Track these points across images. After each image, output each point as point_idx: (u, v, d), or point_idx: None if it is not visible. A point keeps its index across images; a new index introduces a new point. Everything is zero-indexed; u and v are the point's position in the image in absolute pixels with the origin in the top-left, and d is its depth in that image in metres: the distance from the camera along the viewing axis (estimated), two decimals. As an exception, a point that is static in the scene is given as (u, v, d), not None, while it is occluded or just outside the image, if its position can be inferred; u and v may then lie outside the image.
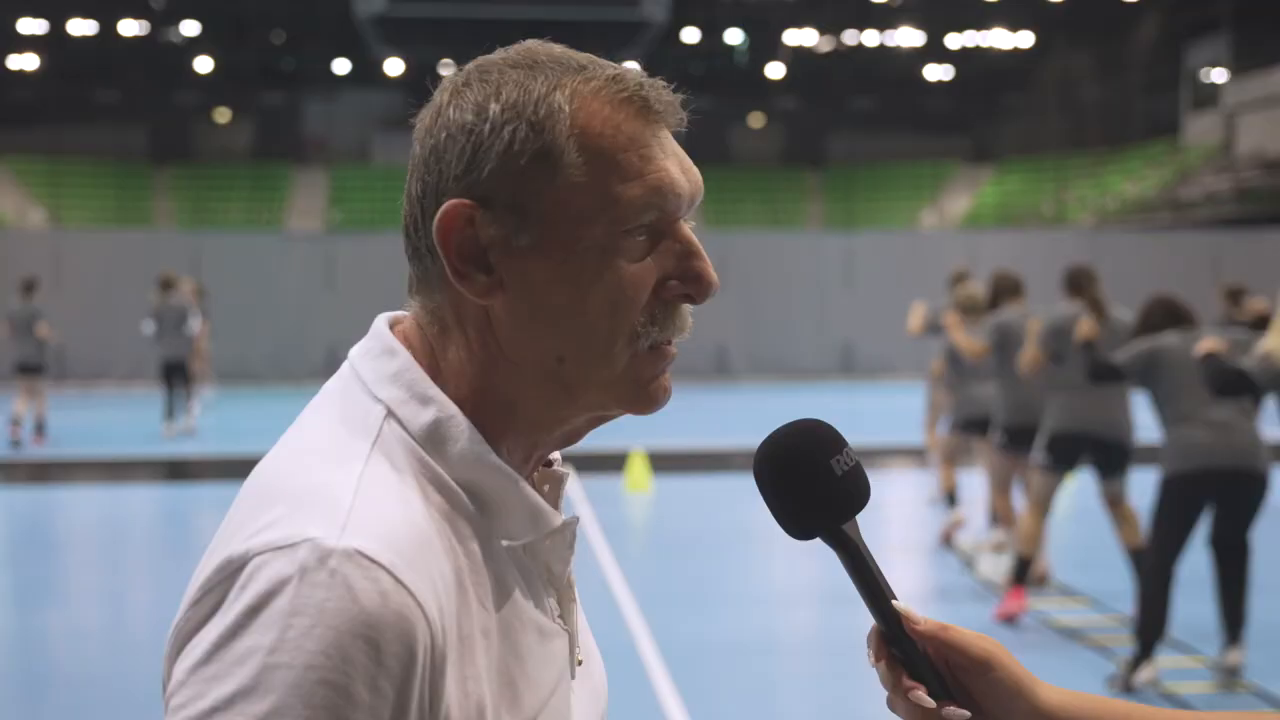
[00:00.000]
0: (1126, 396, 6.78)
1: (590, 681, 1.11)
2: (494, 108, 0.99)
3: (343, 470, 0.95)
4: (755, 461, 1.06)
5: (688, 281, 1.02)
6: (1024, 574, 6.80)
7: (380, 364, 1.02)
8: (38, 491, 11.48)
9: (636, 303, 1.00)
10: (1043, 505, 6.82)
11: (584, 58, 1.03)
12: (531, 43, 1.05)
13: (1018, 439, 7.46)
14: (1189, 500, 5.72)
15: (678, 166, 1.02)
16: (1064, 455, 6.78)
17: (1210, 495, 5.73)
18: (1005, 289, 7.95)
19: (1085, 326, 6.38)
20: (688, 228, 1.03)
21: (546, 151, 0.98)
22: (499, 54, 1.04)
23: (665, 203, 1.00)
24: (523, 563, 1.02)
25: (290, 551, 0.89)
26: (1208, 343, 5.48)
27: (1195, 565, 6.34)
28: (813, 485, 1.04)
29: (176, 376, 14.38)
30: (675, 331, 1.03)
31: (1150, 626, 5.70)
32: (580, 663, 1.09)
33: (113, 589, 8.01)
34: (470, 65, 1.04)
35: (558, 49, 1.04)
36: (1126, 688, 5.66)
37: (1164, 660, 5.97)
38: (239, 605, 0.88)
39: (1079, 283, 6.89)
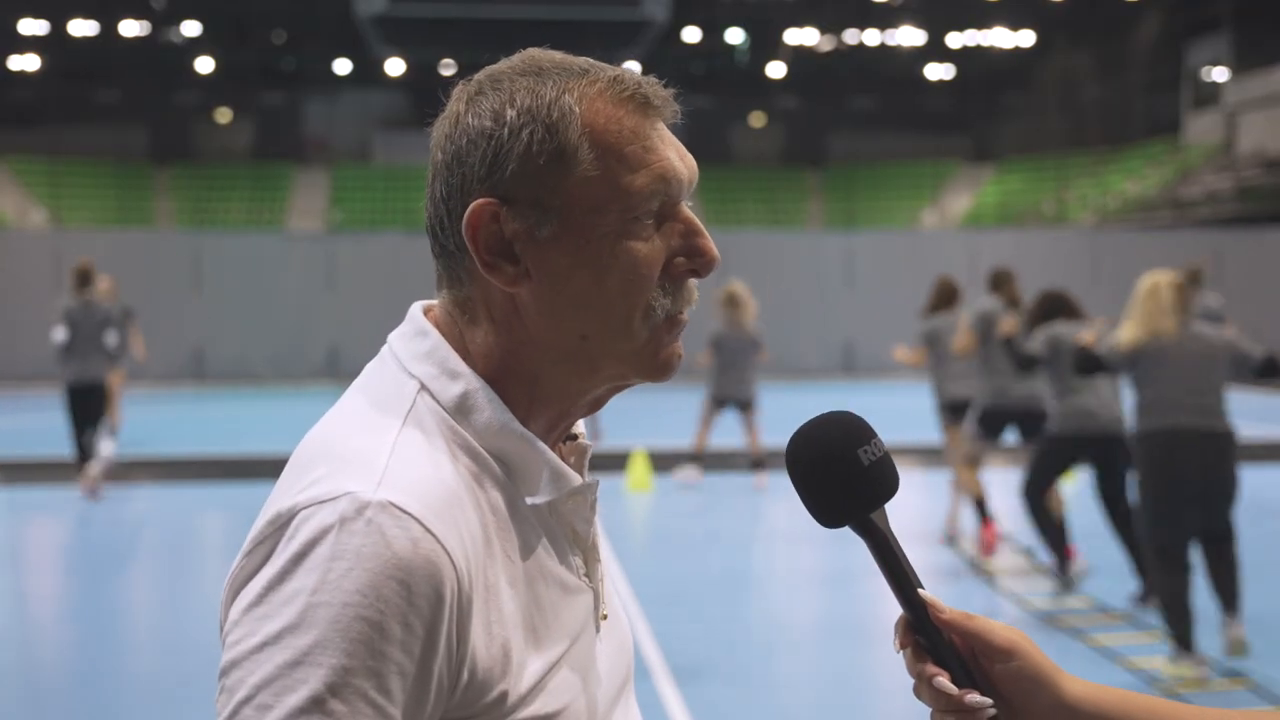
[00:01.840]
0: (1042, 377, 7.78)
1: (615, 637, 1.21)
2: (510, 113, 1.08)
3: (379, 436, 1.06)
4: (786, 452, 1.10)
5: (693, 258, 1.12)
6: (984, 510, 8.16)
7: (414, 344, 1.13)
8: (39, 492, 11.48)
9: (650, 281, 1.10)
10: (975, 463, 8.22)
11: (584, 61, 1.13)
12: (532, 50, 1.14)
13: (958, 413, 8.80)
14: (1068, 456, 7.05)
15: (676, 154, 1.12)
16: (991, 428, 8.14)
17: (1086, 454, 6.99)
18: (944, 295, 9.14)
19: (1007, 324, 7.26)
20: (688, 209, 1.13)
21: (561, 150, 1.08)
22: (504, 63, 1.13)
23: (668, 188, 1.10)
24: (548, 523, 1.12)
25: (332, 504, 0.99)
26: (1086, 336, 6.61)
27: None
28: (841, 475, 1.07)
29: (91, 404, 10.62)
30: (684, 303, 1.13)
31: (1053, 544, 7.22)
32: (605, 617, 1.18)
33: (113, 590, 8.01)
34: (480, 75, 1.13)
35: (557, 55, 1.13)
36: (1065, 587, 7.27)
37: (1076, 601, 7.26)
38: (287, 553, 0.98)
39: (999, 281, 8.33)
